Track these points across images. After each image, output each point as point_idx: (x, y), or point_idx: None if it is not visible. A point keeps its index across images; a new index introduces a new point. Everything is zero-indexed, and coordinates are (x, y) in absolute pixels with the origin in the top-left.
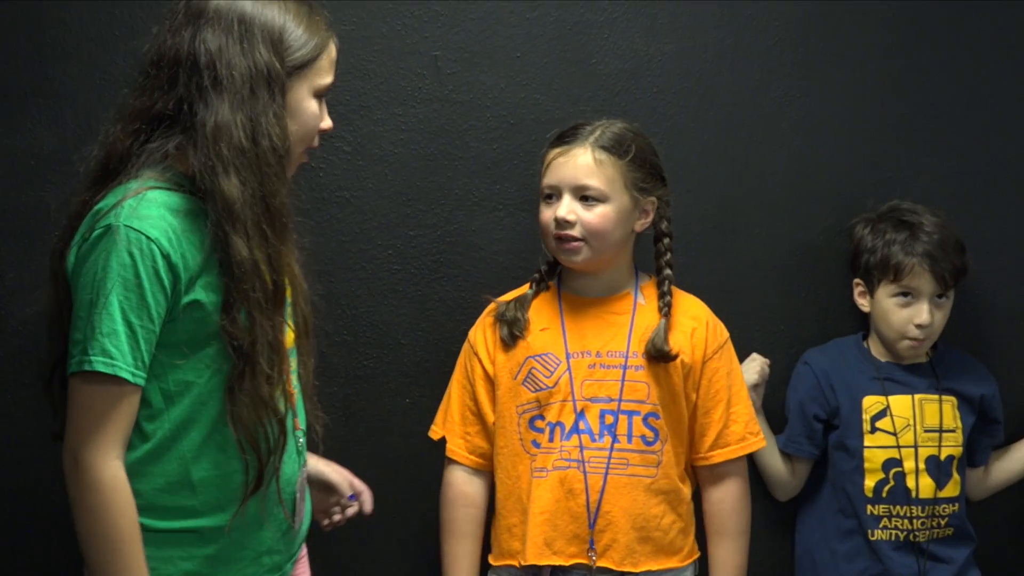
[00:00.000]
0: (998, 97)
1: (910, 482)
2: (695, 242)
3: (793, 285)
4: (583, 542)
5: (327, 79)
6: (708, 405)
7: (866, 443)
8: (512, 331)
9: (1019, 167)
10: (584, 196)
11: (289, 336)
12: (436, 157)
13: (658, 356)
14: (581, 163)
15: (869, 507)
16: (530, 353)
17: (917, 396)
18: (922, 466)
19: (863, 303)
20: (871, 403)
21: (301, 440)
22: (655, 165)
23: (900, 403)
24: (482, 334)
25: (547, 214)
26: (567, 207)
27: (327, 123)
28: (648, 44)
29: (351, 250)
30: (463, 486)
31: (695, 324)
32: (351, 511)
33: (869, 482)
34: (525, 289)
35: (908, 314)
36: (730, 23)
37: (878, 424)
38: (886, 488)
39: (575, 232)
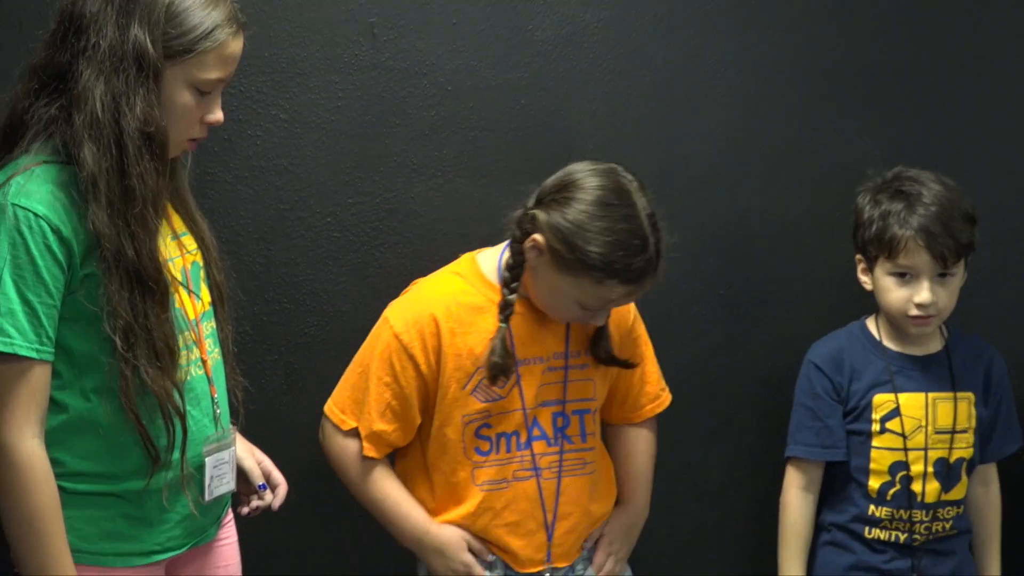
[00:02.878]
0: (938, 61)
1: (916, 486)
2: None
3: (729, 251)
4: (545, 549)
5: (211, 74)
6: (630, 370)
7: (874, 443)
8: (500, 377)
9: (957, 131)
10: None
11: (205, 300)
12: (373, 124)
13: (610, 361)
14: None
15: (872, 507)
16: (480, 363)
17: (931, 395)
18: (930, 469)
19: (865, 280)
20: (881, 401)
21: (218, 410)
22: None
23: (912, 402)
24: (420, 340)
25: (583, 316)
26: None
27: (214, 116)
28: (584, 10)
29: (289, 218)
30: (378, 464)
31: None
32: (257, 502)
33: (874, 483)
34: (450, 280)
35: (907, 293)
36: None
37: (888, 425)
38: (891, 491)
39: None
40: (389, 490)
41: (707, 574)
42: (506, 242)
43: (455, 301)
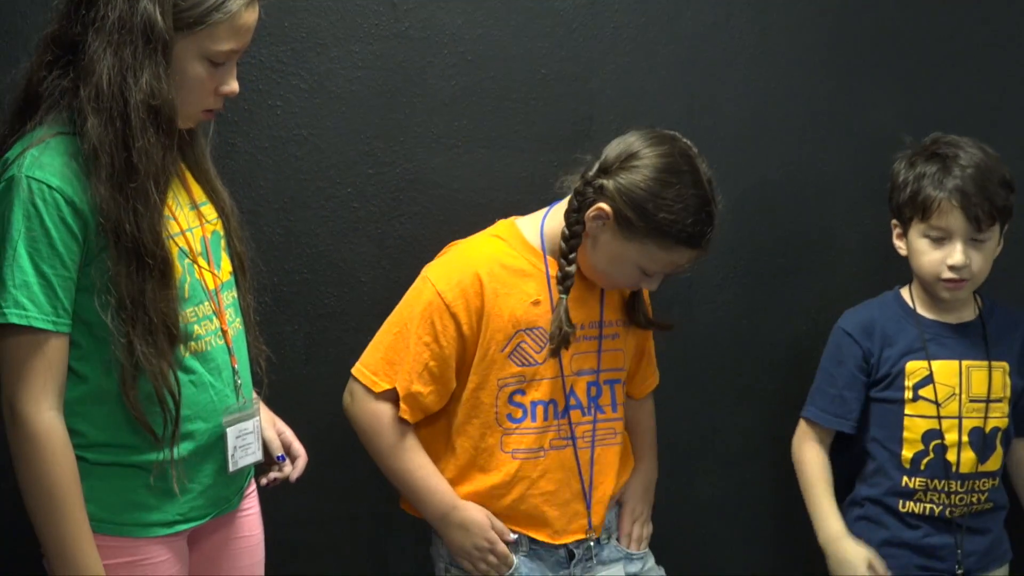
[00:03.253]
0: (970, 26)
1: (951, 456)
2: None
3: (751, 219)
4: (581, 519)
5: (224, 45)
6: (643, 339)
7: (907, 411)
8: (559, 346)
9: (989, 98)
10: None
11: (225, 271)
12: (394, 94)
13: (649, 325)
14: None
15: (905, 478)
16: (520, 327)
17: (964, 363)
18: (965, 439)
19: (900, 245)
20: (914, 368)
21: (239, 380)
22: None
23: (945, 369)
24: (464, 300)
25: (645, 284)
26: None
27: (229, 87)
28: None
29: (309, 188)
30: (410, 430)
31: None
32: (275, 474)
33: (907, 452)
34: (492, 243)
35: (940, 255)
36: None
37: (921, 392)
38: (924, 460)
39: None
40: (420, 461)
41: (727, 541)
42: (545, 210)
43: (498, 263)
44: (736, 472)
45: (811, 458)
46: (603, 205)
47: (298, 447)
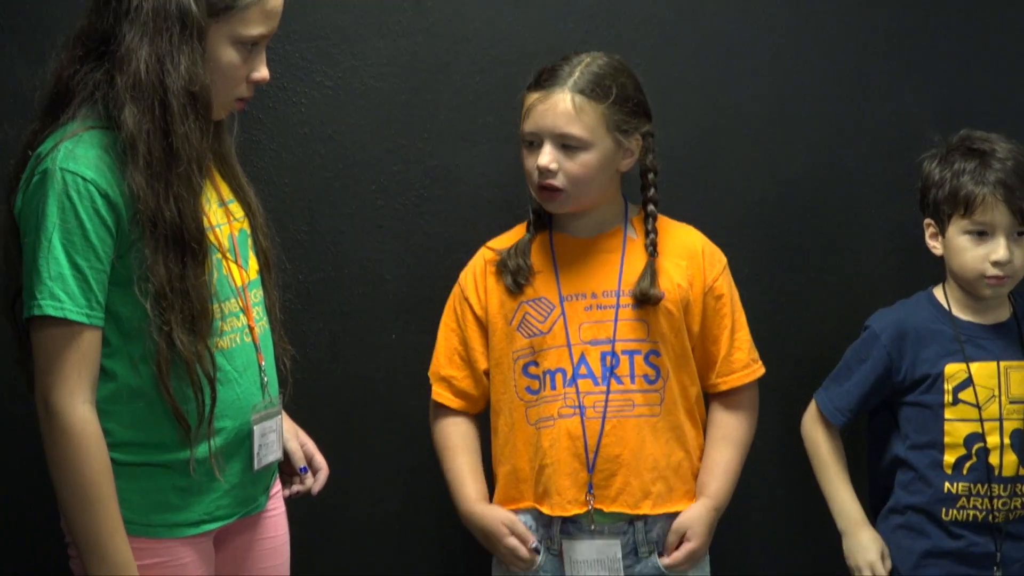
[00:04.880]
0: (992, 19)
1: (993, 459)
2: (678, 172)
3: (779, 214)
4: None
5: (255, 30)
6: (715, 333)
7: (947, 415)
8: (516, 280)
9: (1012, 91)
10: (565, 144)
11: (252, 269)
12: (418, 91)
13: (643, 299)
14: (561, 110)
15: (947, 485)
16: (524, 298)
17: (1003, 364)
18: (1007, 441)
19: (935, 245)
20: (953, 371)
21: (265, 378)
22: (639, 102)
23: (984, 371)
24: (472, 279)
25: (529, 161)
26: (549, 156)
27: (260, 74)
28: None
29: (334, 186)
30: (453, 425)
31: (690, 254)
32: (297, 487)
33: (949, 458)
34: (519, 232)
35: (983, 251)
36: None
37: (960, 395)
38: (967, 465)
39: (557, 182)
40: (452, 464)
41: (744, 539)
42: None
43: (504, 243)
44: (755, 470)
45: (823, 441)
46: None
47: (320, 460)
